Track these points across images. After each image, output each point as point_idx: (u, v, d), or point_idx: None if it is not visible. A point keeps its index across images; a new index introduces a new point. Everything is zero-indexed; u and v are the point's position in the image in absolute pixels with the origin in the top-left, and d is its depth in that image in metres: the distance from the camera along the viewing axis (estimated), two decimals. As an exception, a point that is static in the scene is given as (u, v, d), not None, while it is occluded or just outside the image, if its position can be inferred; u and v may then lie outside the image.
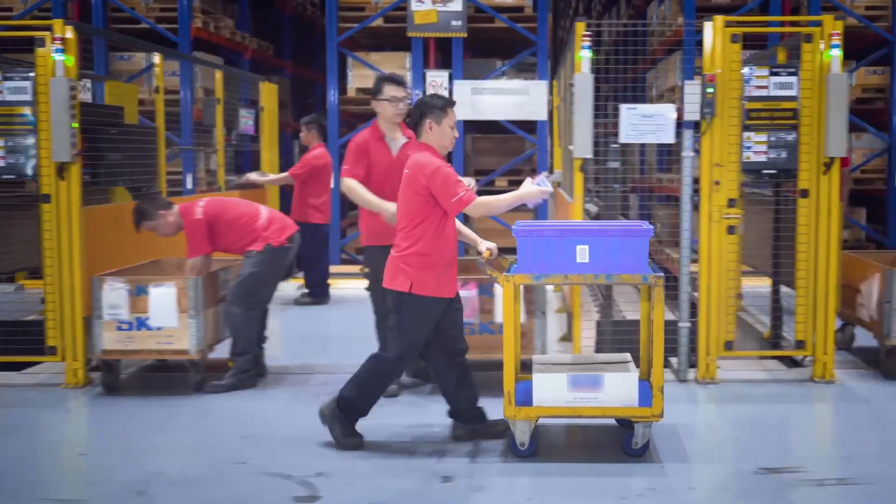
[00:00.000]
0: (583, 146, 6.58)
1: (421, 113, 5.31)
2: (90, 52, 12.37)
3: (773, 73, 6.63)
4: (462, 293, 6.34)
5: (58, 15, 12.43)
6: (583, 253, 5.02)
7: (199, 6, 12.62)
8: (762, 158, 6.65)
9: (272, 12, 16.27)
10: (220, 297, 6.79)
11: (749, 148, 6.64)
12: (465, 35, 12.39)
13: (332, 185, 10.10)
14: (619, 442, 5.25)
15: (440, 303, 5.29)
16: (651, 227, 5.17)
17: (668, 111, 6.63)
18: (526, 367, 6.61)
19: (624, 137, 6.68)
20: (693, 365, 6.77)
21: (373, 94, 6.48)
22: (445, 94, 12.36)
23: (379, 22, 12.80)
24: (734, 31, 6.59)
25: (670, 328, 6.84)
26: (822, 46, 6.61)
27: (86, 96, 10.66)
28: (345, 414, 5.37)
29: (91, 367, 6.76)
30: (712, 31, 6.61)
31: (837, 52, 6.52)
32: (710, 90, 6.51)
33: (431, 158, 5.23)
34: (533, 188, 5.23)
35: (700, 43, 6.72)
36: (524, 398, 5.16)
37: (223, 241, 6.64)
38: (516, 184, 5.49)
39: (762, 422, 5.90)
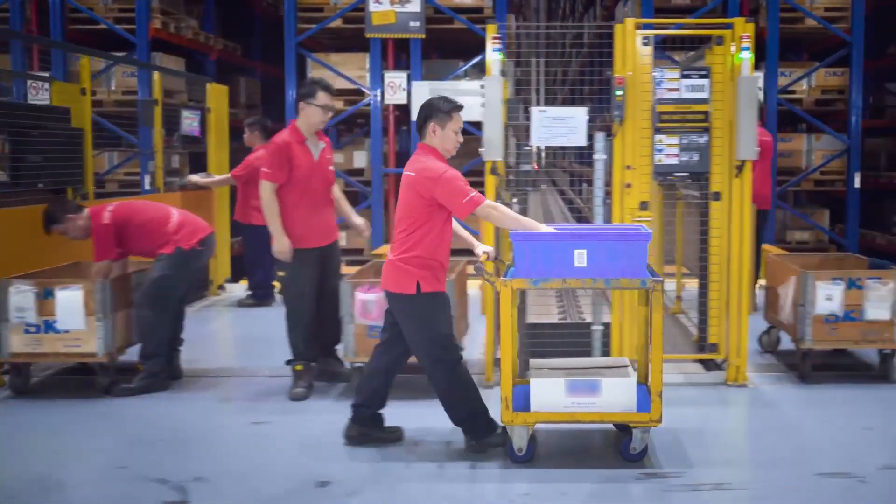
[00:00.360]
0: (493, 149, 6.56)
1: (426, 116, 5.24)
2: (48, 52, 12.42)
3: (684, 76, 6.61)
4: (368, 296, 6.36)
5: (15, 16, 12.50)
6: (580, 257, 4.98)
7: (159, 7, 12.63)
8: (674, 161, 6.63)
9: (242, 13, 16.28)
10: (132, 300, 6.79)
11: (661, 151, 6.62)
12: (423, 36, 12.36)
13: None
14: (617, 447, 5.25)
15: (445, 296, 5.28)
16: (650, 231, 5.15)
17: (579, 114, 6.60)
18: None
19: (536, 140, 6.65)
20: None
21: (303, 95, 6.48)
22: (404, 94, 12.40)
23: (338, 23, 12.79)
24: (645, 34, 6.58)
25: (585, 331, 6.86)
26: (733, 49, 6.57)
27: (43, 97, 10.70)
28: (481, 434, 5.28)
29: (3, 370, 6.77)
30: (623, 34, 6.58)
31: (748, 55, 6.49)
32: (619, 93, 6.49)
33: (437, 163, 5.16)
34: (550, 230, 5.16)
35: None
36: (521, 403, 5.13)
37: (134, 245, 6.64)
38: (475, 185, 5.45)
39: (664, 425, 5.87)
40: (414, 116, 11.19)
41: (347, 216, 6.91)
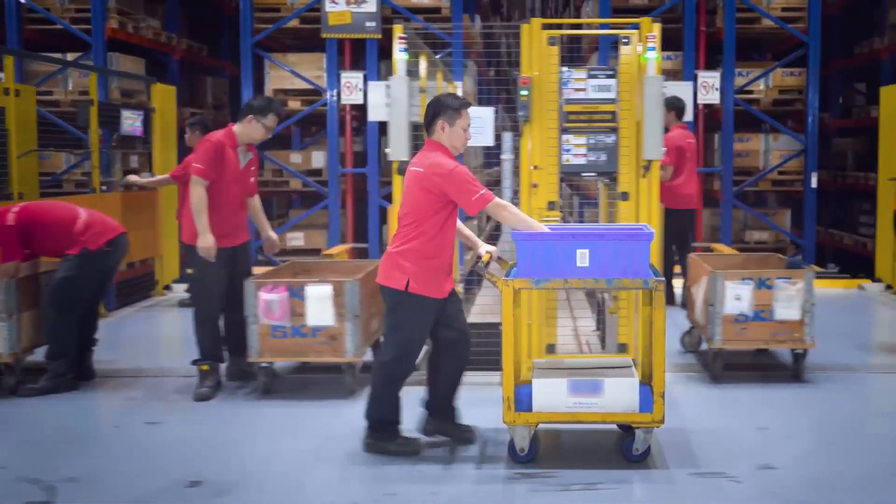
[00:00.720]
0: (398, 149, 6.56)
1: (434, 112, 5.22)
2: None
3: (591, 76, 6.59)
4: (271, 296, 6.37)
5: (-30, 17, 12.50)
6: (583, 257, 4.94)
7: (115, 7, 12.62)
8: (581, 161, 6.62)
9: (210, 13, 16.28)
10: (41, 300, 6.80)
11: (568, 151, 6.60)
12: (379, 36, 12.36)
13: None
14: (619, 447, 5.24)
15: (435, 303, 5.21)
16: (652, 231, 5.12)
17: (487, 114, 6.60)
18: (337, 369, 6.68)
19: (443, 140, 6.63)
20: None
21: (255, 110, 6.53)
22: (360, 94, 12.41)
23: (295, 23, 12.82)
24: (551, 34, 6.57)
25: (495, 331, 6.84)
26: (640, 49, 6.56)
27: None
28: (380, 433, 5.30)
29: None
30: (529, 34, 6.57)
31: (654, 55, 6.47)
32: (524, 93, 6.48)
33: (446, 159, 5.14)
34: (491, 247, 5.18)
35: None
36: (524, 403, 5.09)
37: (41, 246, 6.65)
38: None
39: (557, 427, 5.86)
40: (371, 117, 11.23)
41: (263, 229, 6.99)
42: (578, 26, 7.76)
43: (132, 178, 9.76)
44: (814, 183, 12.44)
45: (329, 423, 5.93)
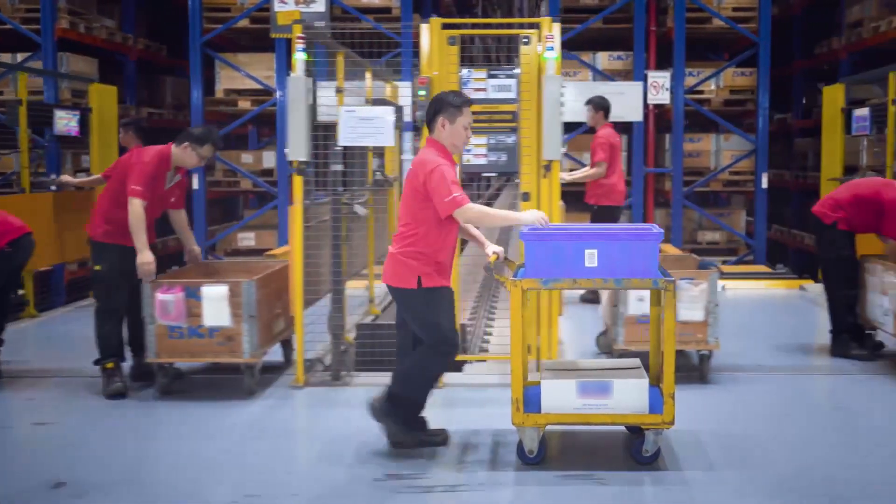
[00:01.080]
0: (297, 149, 6.54)
1: (435, 109, 5.17)
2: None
3: (491, 76, 6.58)
4: (167, 297, 6.35)
5: (-81, 16, 12.48)
6: (591, 257, 4.90)
7: (66, 7, 12.61)
8: (482, 161, 6.61)
9: (170, 13, 16.25)
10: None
11: (469, 151, 6.59)
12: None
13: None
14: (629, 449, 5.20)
15: (449, 290, 5.20)
16: (661, 230, 5.08)
17: (386, 114, 6.58)
18: (229, 369, 6.66)
19: (343, 140, 6.64)
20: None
21: (194, 139, 6.58)
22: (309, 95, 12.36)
23: (245, 23, 12.81)
24: (451, 34, 6.55)
25: (387, 332, 6.83)
26: (539, 49, 6.54)
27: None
28: (398, 409, 5.21)
29: None
30: (429, 34, 6.56)
31: (553, 55, 6.46)
32: (422, 93, 6.46)
33: (434, 157, 5.08)
34: (536, 213, 5.10)
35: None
36: (532, 405, 5.06)
37: None
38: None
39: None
40: (319, 117, 11.19)
41: (187, 242, 7.03)
42: (479, 26, 7.74)
43: (65, 177, 9.74)
44: (764, 183, 12.40)
45: (217, 423, 5.91)
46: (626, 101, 12.15)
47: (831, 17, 14.19)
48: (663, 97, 12.40)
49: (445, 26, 6.56)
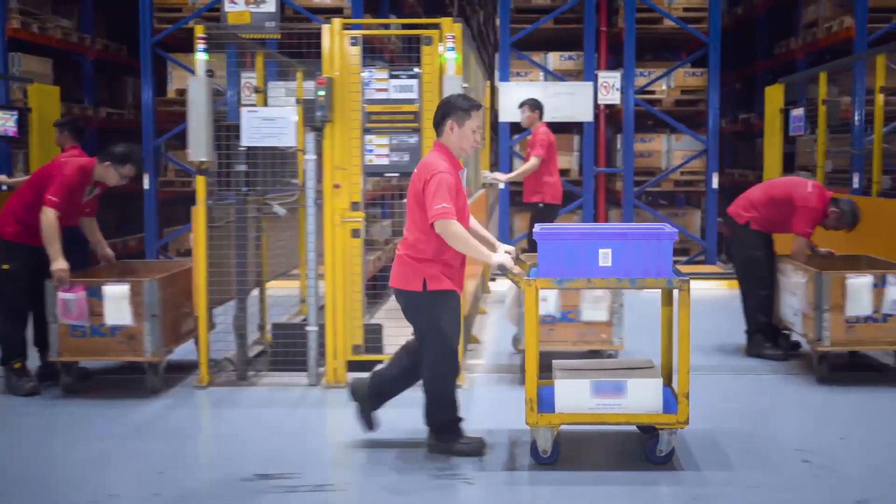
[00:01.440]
0: (198, 149, 6.56)
1: (444, 113, 5.11)
2: None
3: (392, 76, 6.58)
4: (68, 296, 6.37)
5: None
6: (605, 256, 4.89)
7: (18, 7, 12.62)
8: (384, 161, 6.61)
9: (131, 13, 16.25)
10: None
11: (371, 151, 6.60)
12: (279, 36, 12.31)
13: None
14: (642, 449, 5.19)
15: (456, 295, 5.12)
16: (674, 230, 5.04)
17: (289, 114, 6.59)
18: (139, 369, 6.67)
19: (246, 140, 6.65)
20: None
21: (115, 159, 6.64)
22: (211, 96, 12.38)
23: (195, 23, 12.80)
24: (352, 34, 6.57)
25: (300, 332, 6.86)
26: (441, 49, 6.55)
27: None
28: (448, 433, 5.20)
29: None
30: (330, 34, 6.57)
31: (453, 55, 6.47)
32: (321, 93, 6.47)
33: (438, 161, 5.00)
34: (504, 256, 5.06)
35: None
36: (546, 405, 5.03)
37: None
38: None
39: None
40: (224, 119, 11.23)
41: (100, 248, 7.07)
42: (381, 26, 7.73)
43: (2, 177, 9.77)
44: (715, 184, 12.42)
45: (110, 423, 5.92)
46: (577, 102, 12.19)
47: (791, 17, 14.21)
48: (614, 97, 12.41)
49: (346, 27, 6.57)
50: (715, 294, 10.91)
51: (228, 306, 7.31)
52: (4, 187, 9.85)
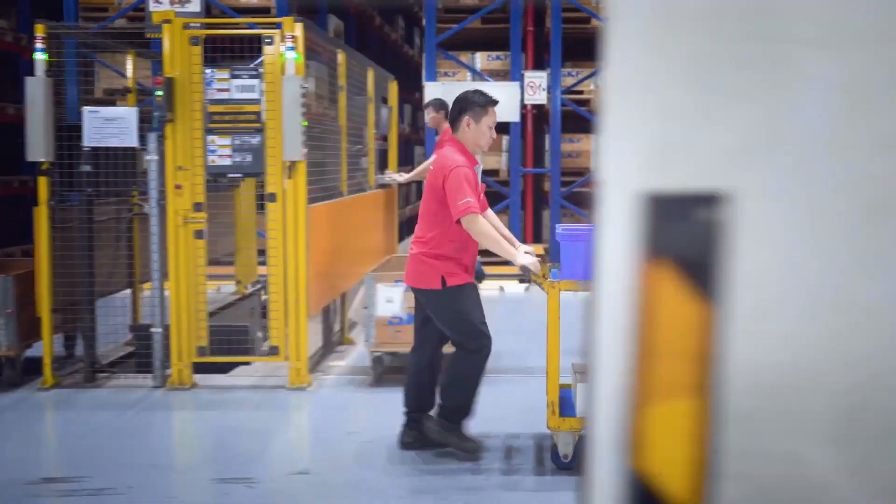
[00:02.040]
0: (36, 149, 6.53)
1: (461, 108, 5.09)
2: None
3: (234, 76, 6.54)
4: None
5: None
6: None
7: (-54, 8, 12.65)
8: (227, 162, 6.56)
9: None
10: None
11: (213, 151, 6.55)
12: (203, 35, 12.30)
13: None
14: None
15: (473, 285, 5.14)
16: None
17: (130, 114, 6.56)
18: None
19: (88, 140, 6.62)
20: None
21: None
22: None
23: (122, 22, 12.80)
24: (193, 34, 6.52)
25: (145, 333, 6.81)
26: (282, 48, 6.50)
27: None
28: (451, 423, 5.14)
29: None
30: (170, 33, 6.53)
31: (293, 55, 6.42)
32: (158, 93, 6.43)
33: (455, 156, 4.99)
34: (531, 258, 5.00)
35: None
36: (567, 408, 4.96)
37: None
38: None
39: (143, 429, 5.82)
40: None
41: None
42: (223, 26, 7.65)
43: None
44: (641, 184, 12.29)
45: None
46: (503, 102, 12.05)
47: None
48: (540, 97, 12.31)
49: (186, 26, 6.52)
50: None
51: (110, 307, 7.31)
52: None
